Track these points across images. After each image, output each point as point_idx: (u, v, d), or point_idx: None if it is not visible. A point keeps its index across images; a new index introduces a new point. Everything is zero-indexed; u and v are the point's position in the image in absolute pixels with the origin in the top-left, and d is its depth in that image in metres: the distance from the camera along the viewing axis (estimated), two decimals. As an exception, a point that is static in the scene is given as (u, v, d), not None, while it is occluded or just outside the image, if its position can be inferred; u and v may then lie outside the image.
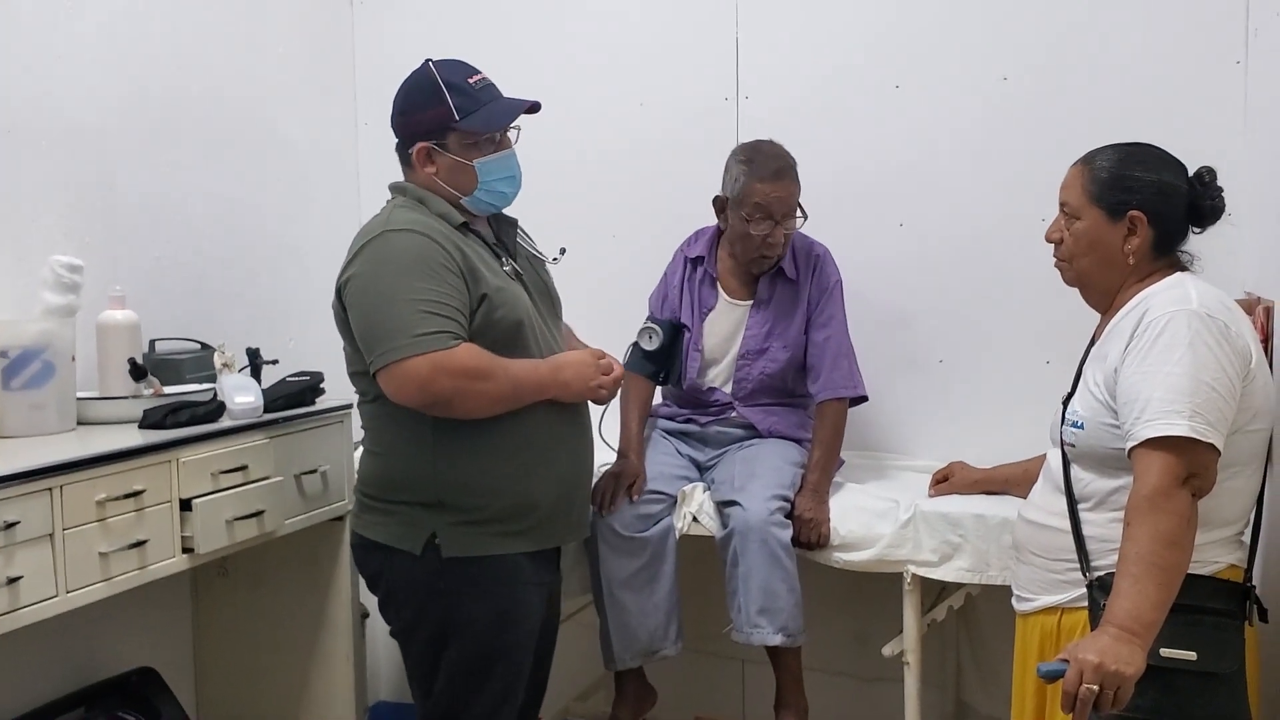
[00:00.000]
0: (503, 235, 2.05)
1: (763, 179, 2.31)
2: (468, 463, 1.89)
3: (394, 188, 2.02)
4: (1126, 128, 1.83)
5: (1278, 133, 2.05)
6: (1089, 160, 1.72)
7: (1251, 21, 2.30)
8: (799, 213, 2.36)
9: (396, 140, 2.00)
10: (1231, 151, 2.23)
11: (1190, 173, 1.69)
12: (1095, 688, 1.39)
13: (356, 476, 2.04)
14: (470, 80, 1.95)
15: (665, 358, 2.32)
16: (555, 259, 2.14)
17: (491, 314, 1.88)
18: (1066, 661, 1.43)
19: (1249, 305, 1.86)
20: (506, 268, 1.98)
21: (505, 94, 1.99)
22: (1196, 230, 1.70)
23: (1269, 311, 1.89)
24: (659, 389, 2.53)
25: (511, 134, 2.00)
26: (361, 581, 2.47)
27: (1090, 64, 2.46)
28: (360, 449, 2.50)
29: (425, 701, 2.01)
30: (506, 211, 2.07)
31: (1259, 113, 2.24)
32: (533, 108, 1.99)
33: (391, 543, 1.93)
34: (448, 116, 1.92)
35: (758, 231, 2.33)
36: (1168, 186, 1.67)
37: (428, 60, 1.98)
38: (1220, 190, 1.68)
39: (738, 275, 2.47)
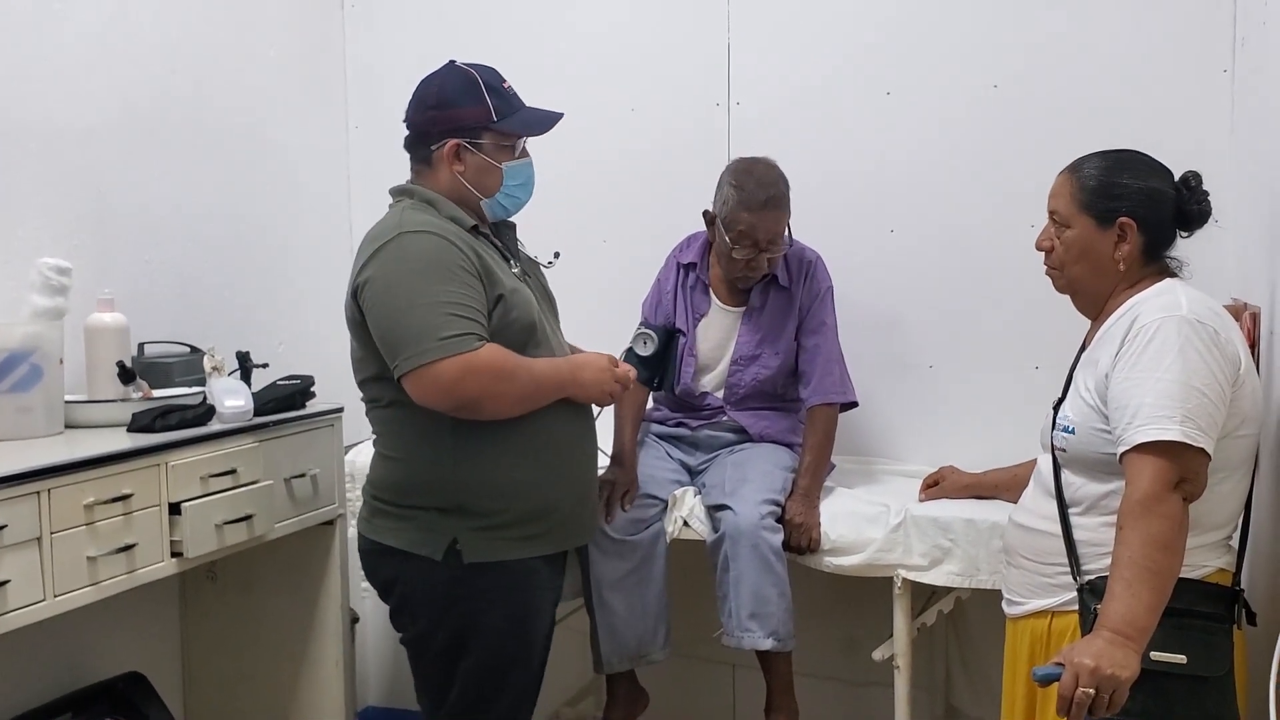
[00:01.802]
0: (504, 238, 2.06)
1: (750, 208, 2.30)
2: (488, 465, 1.88)
3: (398, 191, 1.99)
4: (1115, 135, 1.84)
5: (1264, 141, 2.06)
6: (1076, 168, 1.73)
7: (1239, 31, 2.33)
8: (786, 237, 2.36)
9: (413, 136, 1.98)
10: (1219, 159, 2.25)
11: (1176, 177, 1.70)
12: (1091, 691, 1.40)
13: (367, 480, 2.01)
14: (504, 85, 1.98)
15: (660, 363, 2.32)
16: (550, 263, 2.14)
17: (507, 315, 1.88)
18: (1061, 665, 1.44)
19: (1235, 311, 1.87)
20: (515, 269, 1.99)
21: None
22: (1184, 235, 1.71)
23: (1255, 317, 1.91)
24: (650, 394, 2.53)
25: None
26: (352, 586, 2.48)
27: (1079, 72, 2.48)
28: (350, 452, 2.53)
29: (437, 711, 1.97)
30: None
31: (1246, 121, 2.26)
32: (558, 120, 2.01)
33: (408, 548, 1.90)
34: (486, 116, 1.93)
35: (740, 256, 2.34)
36: (1155, 192, 1.68)
37: (453, 61, 1.98)
38: (1206, 194, 1.69)
39: (730, 282, 2.47)
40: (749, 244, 2.32)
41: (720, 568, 2.24)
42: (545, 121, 2.00)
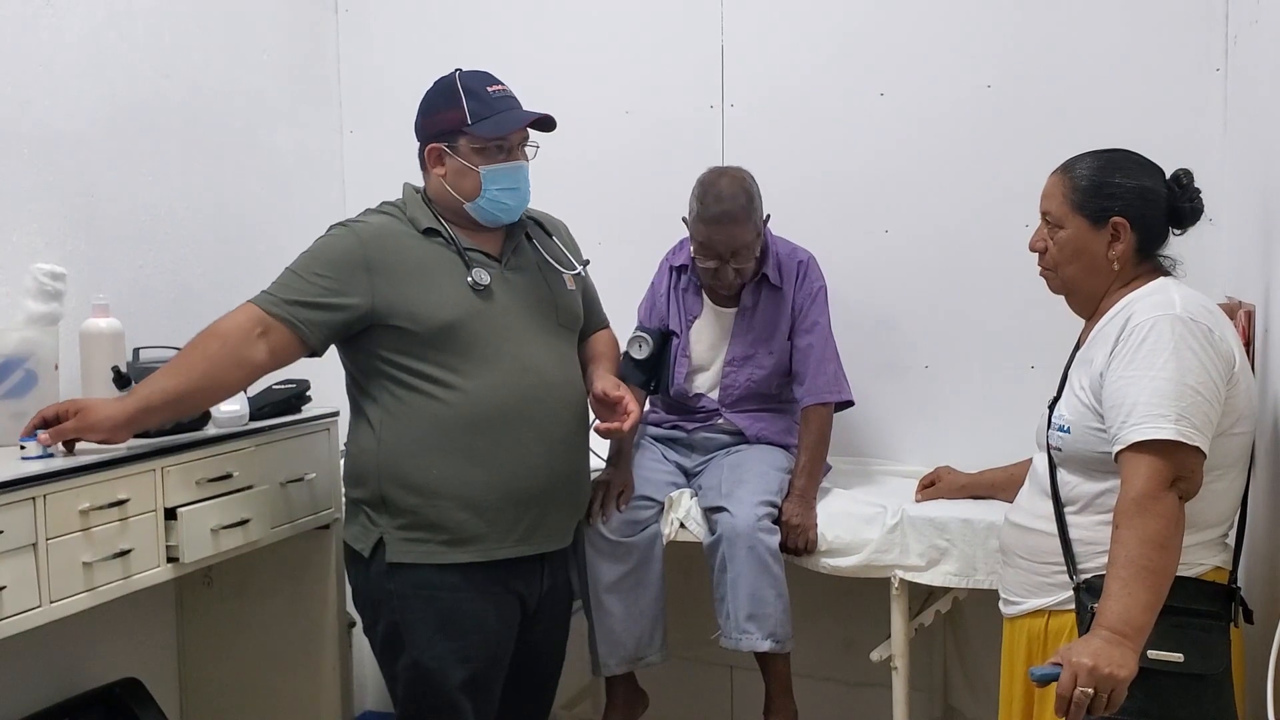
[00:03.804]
0: (512, 238, 2.08)
1: (705, 221, 2.31)
2: (406, 459, 1.94)
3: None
4: (1108, 134, 1.85)
5: (1257, 138, 2.07)
6: (1068, 169, 1.73)
7: (1230, 29, 2.33)
8: (754, 249, 2.34)
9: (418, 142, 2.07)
10: (1212, 157, 2.26)
11: (1167, 176, 1.71)
12: (1090, 691, 1.40)
13: None
14: (489, 89, 2.00)
15: (655, 366, 2.33)
16: (578, 272, 2.16)
17: (410, 310, 1.93)
18: (1059, 665, 1.44)
19: (1230, 309, 1.88)
20: (470, 275, 1.99)
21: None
22: (1177, 233, 1.71)
23: (1250, 315, 1.91)
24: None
25: (530, 150, 2.05)
26: (348, 591, 2.47)
27: (1072, 72, 2.48)
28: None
29: (396, 705, 2.05)
30: (539, 221, 2.17)
31: (1238, 118, 2.27)
32: (543, 122, 2.01)
33: (351, 542, 2.02)
34: (460, 120, 1.98)
35: (704, 266, 2.35)
36: (1148, 191, 1.68)
37: (456, 69, 2.03)
38: (1198, 192, 1.70)
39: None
40: (711, 255, 2.33)
41: (717, 569, 2.24)
42: (514, 122, 1.99)
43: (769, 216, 2.40)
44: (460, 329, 1.94)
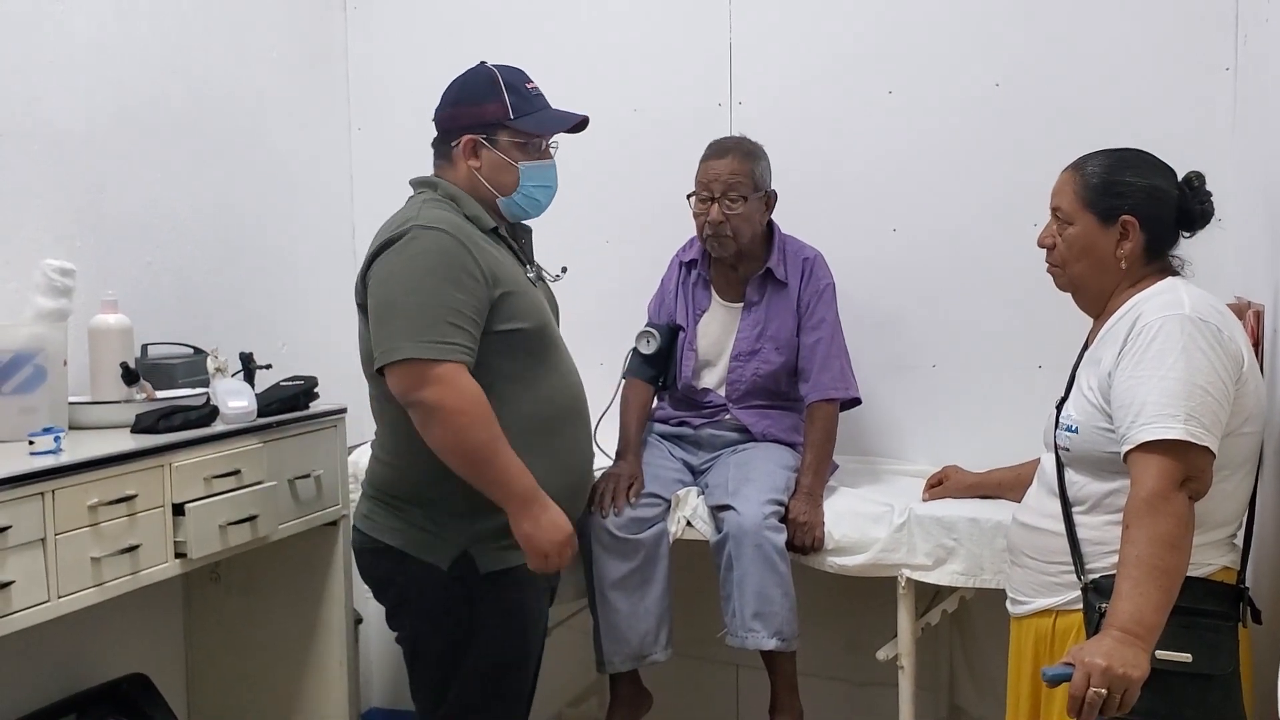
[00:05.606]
0: (520, 241, 2.07)
1: (705, 158, 2.39)
2: None
3: (420, 182, 2.00)
4: (1118, 133, 1.85)
5: (1266, 138, 2.06)
6: (1079, 166, 1.73)
7: (1241, 29, 2.32)
8: (749, 194, 2.34)
9: (438, 132, 2.00)
10: (1221, 157, 2.25)
11: (1179, 177, 1.71)
12: (1104, 692, 1.39)
13: (367, 475, 2.02)
14: (527, 85, 1.99)
15: (664, 361, 2.33)
16: (557, 276, 2.15)
17: (513, 316, 1.88)
18: (1071, 665, 1.43)
19: (1239, 309, 1.87)
20: (530, 274, 2.00)
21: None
22: (1186, 235, 1.71)
23: (1258, 315, 1.91)
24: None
25: (551, 148, 2.03)
26: (355, 587, 2.47)
27: (1082, 70, 2.48)
28: (353, 452, 2.52)
29: (433, 712, 1.97)
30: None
31: (1248, 118, 2.26)
32: (581, 124, 2.02)
33: (411, 550, 1.90)
34: (502, 113, 1.94)
35: (699, 210, 2.37)
36: (1158, 191, 1.68)
37: (484, 61, 2.01)
38: (1209, 195, 1.70)
39: (729, 277, 2.48)
40: (705, 195, 2.35)
41: (724, 568, 2.24)
42: (560, 122, 2.00)
43: (775, 195, 2.41)
44: (547, 331, 1.94)
